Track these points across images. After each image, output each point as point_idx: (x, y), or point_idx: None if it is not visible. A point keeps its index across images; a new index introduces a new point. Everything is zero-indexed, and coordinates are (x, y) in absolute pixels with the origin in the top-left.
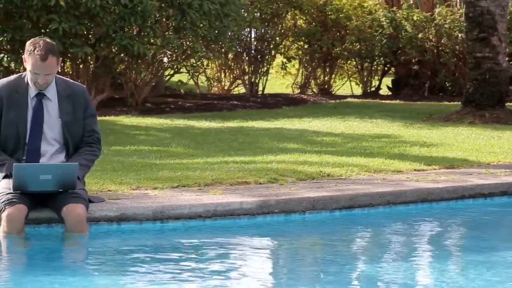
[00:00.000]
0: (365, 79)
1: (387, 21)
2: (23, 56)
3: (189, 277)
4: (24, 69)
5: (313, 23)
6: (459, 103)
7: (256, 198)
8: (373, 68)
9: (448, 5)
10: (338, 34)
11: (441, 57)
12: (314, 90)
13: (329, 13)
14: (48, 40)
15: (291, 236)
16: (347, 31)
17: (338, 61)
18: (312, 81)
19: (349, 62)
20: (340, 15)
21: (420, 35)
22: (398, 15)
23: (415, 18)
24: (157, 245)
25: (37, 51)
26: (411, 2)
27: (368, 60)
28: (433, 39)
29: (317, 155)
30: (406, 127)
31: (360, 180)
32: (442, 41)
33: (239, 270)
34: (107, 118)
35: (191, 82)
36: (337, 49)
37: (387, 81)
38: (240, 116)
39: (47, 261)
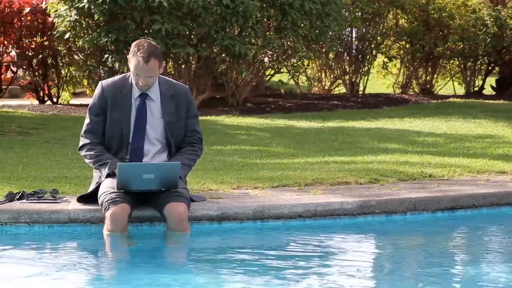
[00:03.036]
0: (468, 78)
1: (492, 19)
2: (127, 56)
3: (289, 276)
4: (128, 70)
5: (415, 23)
6: None
7: (357, 198)
8: (476, 68)
9: None
10: (440, 33)
11: None
12: (416, 90)
13: (432, 12)
14: (153, 42)
15: (392, 236)
16: (450, 30)
17: (441, 61)
18: (414, 81)
19: (451, 61)
20: (443, 14)
21: None
22: (503, 13)
23: None
24: (258, 245)
25: (140, 53)
26: None
27: (472, 60)
28: None
29: (418, 155)
30: (510, 128)
31: (463, 181)
32: None
33: (339, 270)
34: (208, 118)
35: (292, 82)
36: (440, 49)
37: (491, 80)
38: (341, 116)
39: (150, 259)
